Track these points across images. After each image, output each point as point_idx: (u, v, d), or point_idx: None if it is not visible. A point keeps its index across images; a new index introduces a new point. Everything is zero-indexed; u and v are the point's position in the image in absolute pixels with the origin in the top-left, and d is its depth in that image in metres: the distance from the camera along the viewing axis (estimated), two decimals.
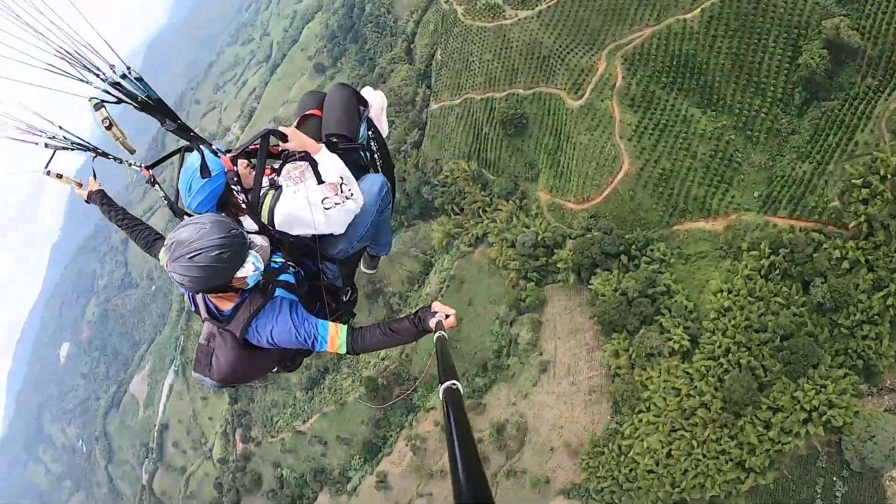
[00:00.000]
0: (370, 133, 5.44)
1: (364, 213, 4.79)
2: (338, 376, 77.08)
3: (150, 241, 5.27)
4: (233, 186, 4.30)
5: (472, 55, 67.23)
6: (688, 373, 50.20)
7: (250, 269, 3.83)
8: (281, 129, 4.49)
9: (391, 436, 68.90)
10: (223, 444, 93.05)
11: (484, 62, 65.88)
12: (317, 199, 4.40)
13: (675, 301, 51.99)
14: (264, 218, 4.46)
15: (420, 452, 63.16)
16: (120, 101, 3.53)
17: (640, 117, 54.76)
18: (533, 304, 58.94)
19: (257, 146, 4.47)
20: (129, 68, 3.52)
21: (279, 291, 4.21)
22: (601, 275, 55.04)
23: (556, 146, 60.19)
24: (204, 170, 4.09)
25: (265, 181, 4.63)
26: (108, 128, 3.53)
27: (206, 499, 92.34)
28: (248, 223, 4.39)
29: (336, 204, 4.44)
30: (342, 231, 4.69)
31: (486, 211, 65.84)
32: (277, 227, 4.48)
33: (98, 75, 3.44)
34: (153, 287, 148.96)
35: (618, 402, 53.39)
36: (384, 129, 5.90)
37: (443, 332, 3.57)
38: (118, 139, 3.60)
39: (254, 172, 4.53)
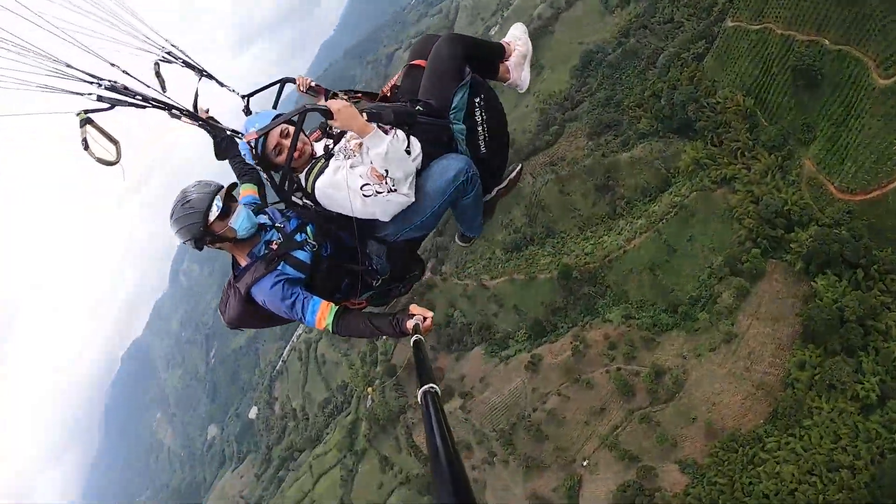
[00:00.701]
0: (478, 100, 4.65)
1: (425, 200, 4.45)
2: (540, 251, 77.94)
3: (241, 173, 5.30)
4: (256, 166, 4.53)
5: None
6: (857, 426, 46.03)
7: (214, 212, 4.09)
8: (329, 103, 4.11)
9: (562, 328, 70.06)
10: None
11: None
12: (356, 183, 4.22)
13: (888, 347, 46.73)
14: (308, 188, 4.53)
15: (578, 355, 64.25)
16: (114, 105, 3.48)
17: None
18: (749, 270, 55.39)
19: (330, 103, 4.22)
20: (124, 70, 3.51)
21: (284, 266, 4.35)
22: (829, 277, 50.21)
23: (842, 119, 53.15)
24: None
25: (320, 147, 4.67)
26: (86, 148, 3.51)
27: None
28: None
29: (377, 192, 4.21)
30: (386, 220, 4.47)
31: (744, 154, 60.88)
32: (317, 201, 4.53)
33: (93, 82, 3.38)
34: None
35: (777, 413, 50.50)
36: (524, 82, 5.39)
37: (419, 336, 3.53)
38: (94, 157, 3.54)
39: (320, 140, 4.72)
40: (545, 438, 64.50)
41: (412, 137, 4.42)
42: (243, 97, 5.09)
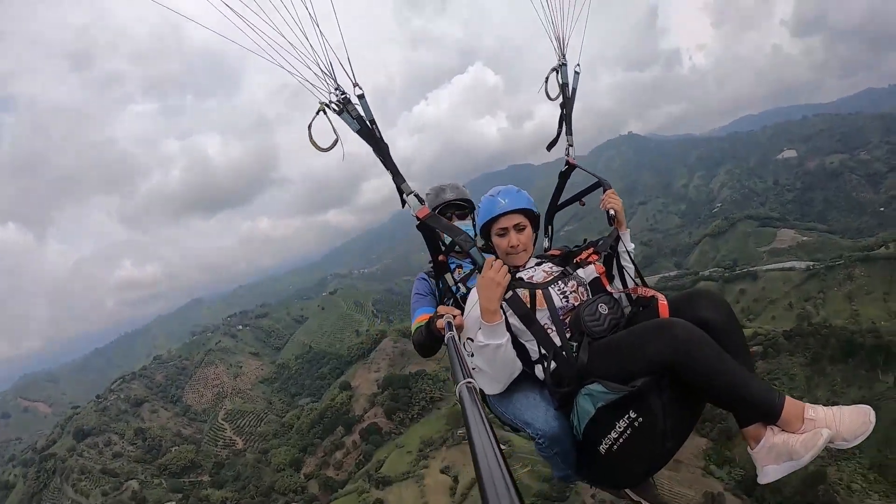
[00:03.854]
0: (633, 417, 2.98)
1: (502, 402, 3.60)
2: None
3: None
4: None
5: None
6: None
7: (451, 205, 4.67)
8: (487, 262, 3.25)
9: None
10: None
11: None
12: (470, 328, 3.39)
13: None
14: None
15: None
16: (341, 112, 3.35)
17: None
18: None
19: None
20: (360, 95, 3.40)
21: (435, 282, 4.36)
22: None
23: None
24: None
25: (538, 270, 3.82)
26: (308, 129, 3.39)
27: None
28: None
29: (470, 356, 3.45)
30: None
31: None
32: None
33: (338, 88, 3.36)
34: None
35: None
36: (766, 475, 2.87)
37: (452, 333, 3.18)
38: (310, 139, 3.41)
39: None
40: None
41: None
42: (567, 163, 4.51)
